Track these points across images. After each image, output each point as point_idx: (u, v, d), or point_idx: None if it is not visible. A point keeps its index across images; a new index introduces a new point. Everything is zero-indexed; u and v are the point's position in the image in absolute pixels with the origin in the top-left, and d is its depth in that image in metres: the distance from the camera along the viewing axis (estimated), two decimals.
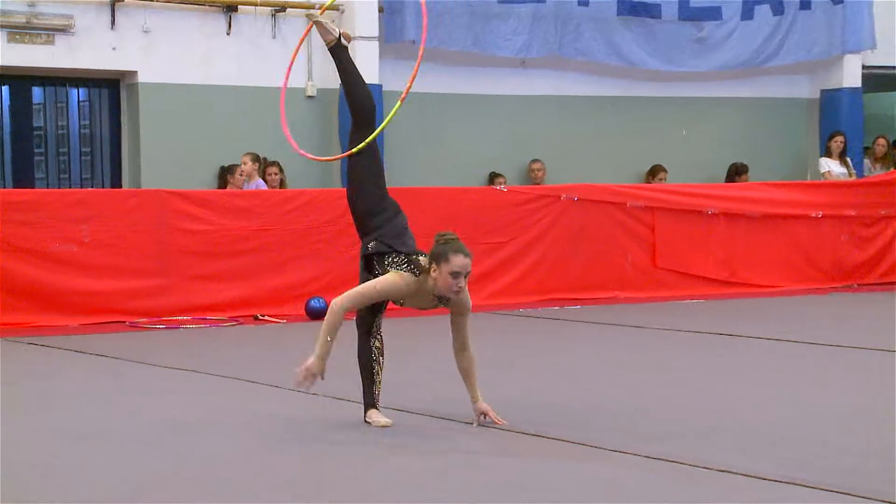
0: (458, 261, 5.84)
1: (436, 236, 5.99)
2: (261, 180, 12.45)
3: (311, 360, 5.81)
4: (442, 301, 6.02)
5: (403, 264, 5.95)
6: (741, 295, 12.72)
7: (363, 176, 6.24)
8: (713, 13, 15.44)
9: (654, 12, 15.11)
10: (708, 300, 12.41)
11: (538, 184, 14.16)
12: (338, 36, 6.46)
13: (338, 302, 5.88)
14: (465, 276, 5.86)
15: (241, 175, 12.43)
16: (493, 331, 10.52)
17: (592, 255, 12.53)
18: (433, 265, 5.87)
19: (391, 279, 5.91)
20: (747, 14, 15.58)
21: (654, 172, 15.10)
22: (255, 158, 12.44)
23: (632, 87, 15.36)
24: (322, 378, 5.84)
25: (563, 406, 6.62)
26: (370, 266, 6.10)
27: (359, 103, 6.36)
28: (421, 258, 5.96)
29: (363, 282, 6.10)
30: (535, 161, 14.57)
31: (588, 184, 12.86)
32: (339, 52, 6.47)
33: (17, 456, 5.51)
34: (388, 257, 6.00)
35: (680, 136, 15.67)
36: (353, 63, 6.44)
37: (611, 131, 15.22)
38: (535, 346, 9.51)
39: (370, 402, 6.12)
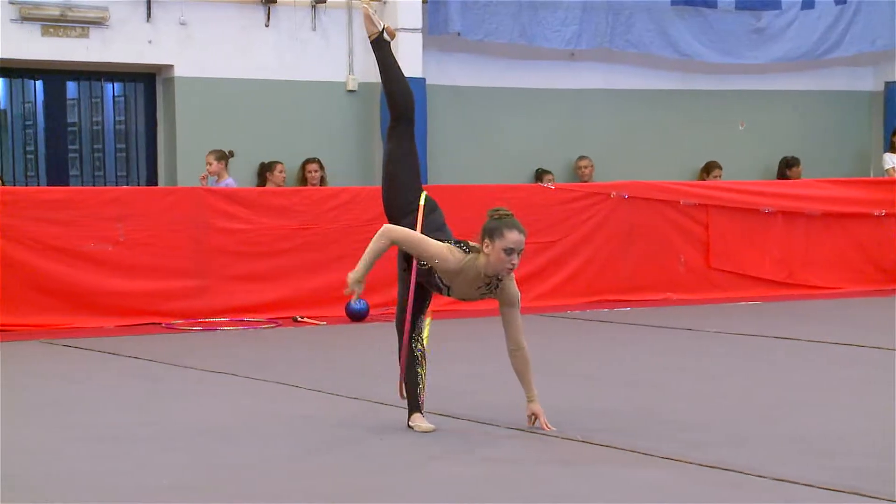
0: (513, 236, 5.82)
1: (489, 212, 5.97)
2: (230, 179, 12.18)
3: (351, 273, 5.87)
4: (490, 289, 6.01)
5: (451, 244, 5.97)
6: (799, 297, 12.66)
7: (398, 171, 6.27)
8: (772, 3, 15.38)
9: (710, 2, 15.08)
10: (764, 302, 12.36)
11: (585, 181, 14.16)
12: (381, 29, 6.50)
13: (389, 228, 5.92)
14: (518, 254, 5.85)
15: (206, 176, 12.07)
16: (541, 333, 10.53)
17: (643, 255, 12.52)
18: (486, 241, 5.85)
19: (443, 246, 5.90)
20: (808, 3, 15.52)
21: (709, 169, 15.06)
22: (221, 156, 12.16)
23: (686, 79, 15.33)
24: (359, 289, 5.89)
25: (612, 411, 6.64)
26: (410, 264, 6.12)
27: (398, 98, 6.39)
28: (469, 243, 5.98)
29: (401, 280, 6.15)
30: (582, 158, 14.57)
31: (639, 181, 12.84)
32: (381, 45, 6.51)
33: (47, 458, 5.60)
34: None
35: (736, 132, 15.63)
36: (393, 58, 6.49)
37: (663, 126, 15.20)
38: (583, 349, 9.53)
39: (414, 406, 6.17)
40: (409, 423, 6.14)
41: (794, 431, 6.07)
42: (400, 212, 6.22)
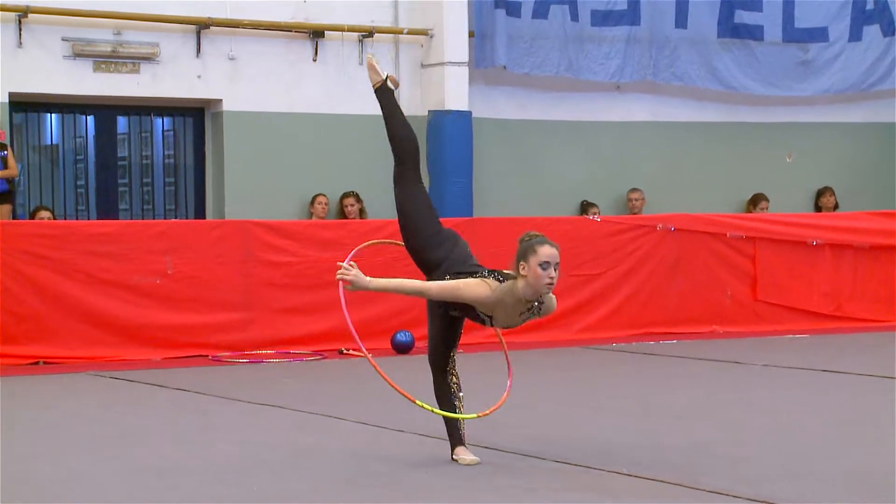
0: (546, 250, 5.80)
1: (519, 239, 5.96)
2: None
3: (359, 277, 5.93)
4: (532, 313, 5.96)
5: (485, 274, 5.93)
6: (847, 330, 12.52)
7: (412, 210, 6.25)
8: (819, 34, 15.29)
9: (756, 34, 15.02)
10: (812, 335, 12.24)
11: (636, 213, 14.10)
12: (384, 78, 6.55)
13: (426, 288, 5.91)
14: (556, 268, 5.81)
15: None
16: (586, 367, 10.49)
17: (690, 287, 12.44)
18: (521, 264, 5.82)
19: (475, 282, 5.85)
20: (855, 35, 15.41)
21: (756, 201, 14.96)
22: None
23: (733, 112, 15.26)
24: (351, 288, 5.96)
25: (658, 445, 6.57)
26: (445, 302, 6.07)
27: (404, 143, 6.43)
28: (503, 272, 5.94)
29: (432, 315, 6.12)
30: (634, 190, 14.51)
31: (685, 213, 12.78)
32: (384, 93, 6.58)
33: (91, 491, 5.60)
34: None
35: (783, 164, 15.52)
36: (396, 104, 6.56)
37: (710, 158, 15.12)
38: (628, 382, 9.45)
39: (457, 439, 6.14)
40: (454, 456, 6.10)
41: (846, 466, 5.97)
42: (423, 245, 6.16)
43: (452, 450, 6.12)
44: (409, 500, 5.43)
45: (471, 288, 5.85)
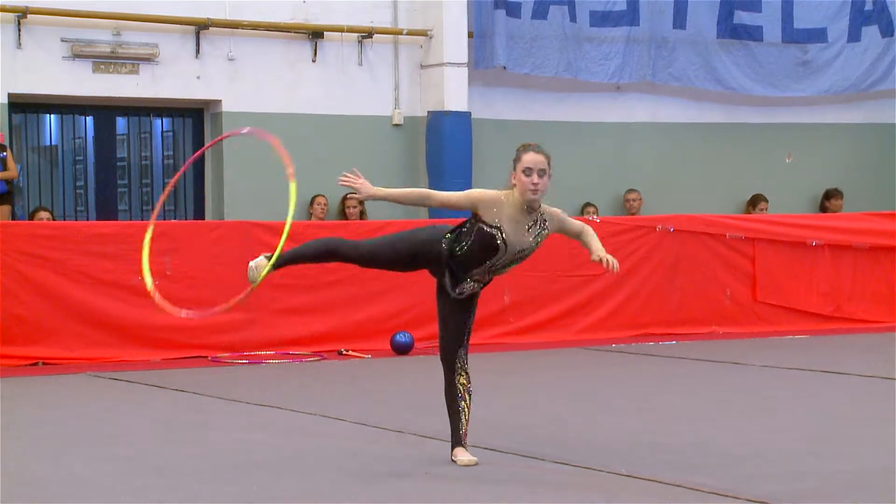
0: (529, 157, 6.00)
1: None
2: None
3: (365, 185, 6.24)
4: (540, 228, 6.04)
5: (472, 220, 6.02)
6: (847, 331, 12.53)
7: (414, 239, 6.25)
8: (818, 35, 15.31)
9: (755, 35, 15.04)
10: (811, 336, 12.25)
11: (634, 214, 14.12)
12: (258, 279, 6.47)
13: (426, 190, 6.24)
14: (540, 174, 5.94)
15: None
16: (586, 367, 10.51)
17: (689, 288, 12.46)
18: (511, 173, 6.02)
19: (476, 190, 6.06)
20: (854, 35, 15.43)
21: (755, 202, 14.98)
22: None
23: (732, 112, 15.28)
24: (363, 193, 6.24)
25: (658, 445, 6.59)
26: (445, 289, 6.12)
27: (335, 254, 6.57)
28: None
29: (441, 307, 6.14)
30: (631, 191, 14.53)
31: (684, 214, 12.80)
32: (278, 266, 6.78)
33: (93, 490, 5.62)
34: (457, 235, 6.05)
35: (782, 165, 15.54)
36: (294, 254, 6.77)
37: (709, 159, 15.14)
38: (628, 383, 9.46)
39: (456, 440, 6.16)
40: (452, 456, 6.12)
41: (846, 466, 5.99)
42: (416, 257, 6.18)
43: (452, 450, 6.14)
44: (407, 501, 5.45)
45: (473, 192, 6.03)
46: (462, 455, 6.09)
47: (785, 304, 12.76)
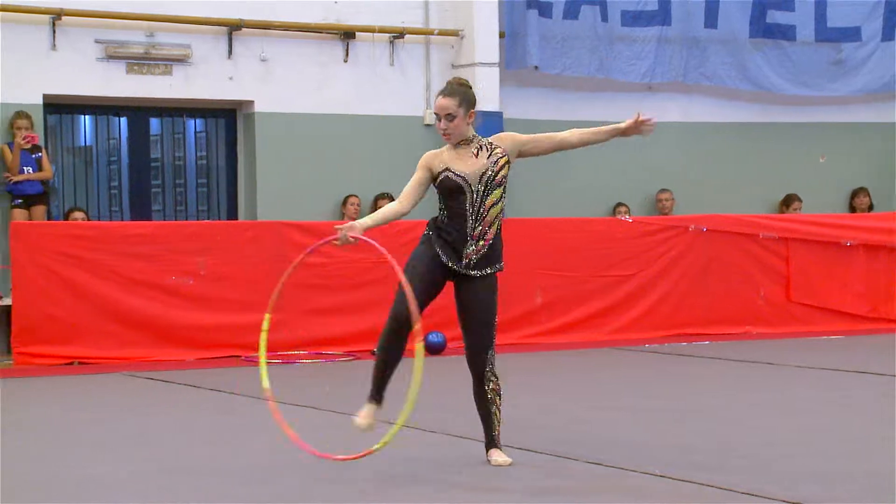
0: (436, 103, 6.26)
1: None
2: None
3: (351, 227, 6.19)
4: (489, 152, 6.20)
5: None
6: (882, 331, 12.46)
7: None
8: (852, 34, 15.22)
9: (788, 34, 14.97)
10: (846, 336, 12.19)
11: (666, 214, 14.08)
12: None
13: (394, 203, 6.23)
14: (448, 118, 6.13)
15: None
16: (619, 367, 10.49)
17: (722, 288, 12.42)
18: None
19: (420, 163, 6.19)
20: (888, 34, 15.33)
21: (789, 202, 14.91)
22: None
23: (765, 112, 15.21)
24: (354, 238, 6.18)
25: (692, 446, 6.57)
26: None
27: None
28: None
29: (458, 300, 6.23)
30: (663, 191, 14.49)
31: (717, 214, 12.76)
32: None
33: (124, 490, 5.65)
34: (433, 219, 6.23)
35: (816, 164, 15.46)
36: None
37: (742, 159, 15.08)
38: (661, 383, 9.44)
39: (490, 441, 6.16)
40: (488, 457, 6.12)
41: (877, 467, 5.95)
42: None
43: (487, 451, 6.15)
44: (439, 501, 5.45)
45: (422, 159, 6.17)
46: (497, 456, 6.09)
47: (819, 305, 12.70)
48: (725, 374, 9.85)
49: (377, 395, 6.25)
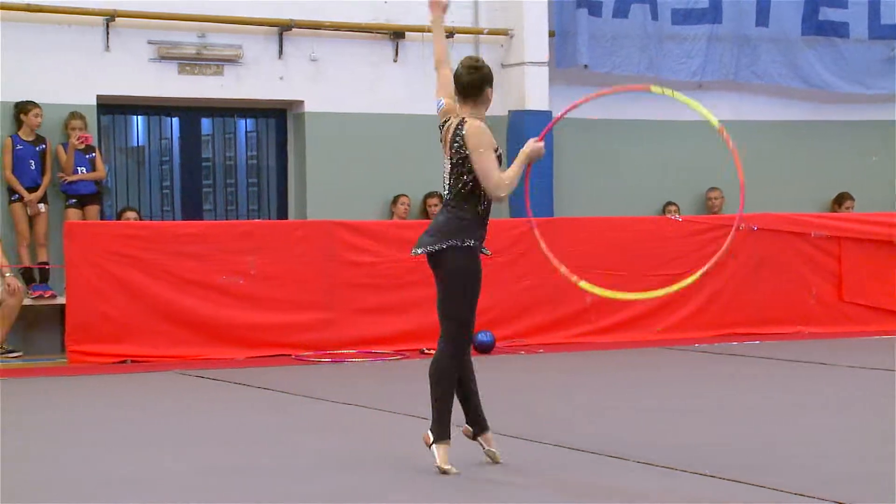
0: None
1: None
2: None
3: None
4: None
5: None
6: None
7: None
8: None
9: (841, 31, 14.83)
10: None
11: (716, 213, 14.00)
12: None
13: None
14: None
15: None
16: (669, 367, 10.43)
17: (773, 287, 12.32)
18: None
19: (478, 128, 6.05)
20: None
21: (841, 200, 14.77)
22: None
23: (817, 110, 15.08)
24: None
25: (741, 446, 6.52)
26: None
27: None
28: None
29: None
30: (713, 189, 14.40)
31: (768, 213, 12.66)
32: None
33: (175, 488, 5.69)
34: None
35: (868, 162, 15.30)
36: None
37: (793, 157, 14.96)
38: (711, 382, 9.39)
39: (483, 423, 6.08)
40: (485, 443, 6.06)
41: None
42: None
43: (483, 434, 6.06)
44: (483, 499, 5.45)
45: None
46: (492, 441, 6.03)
47: (872, 304, 12.57)
48: (776, 374, 9.77)
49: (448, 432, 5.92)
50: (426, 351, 10.99)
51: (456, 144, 6.01)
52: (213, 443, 6.91)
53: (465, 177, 6.01)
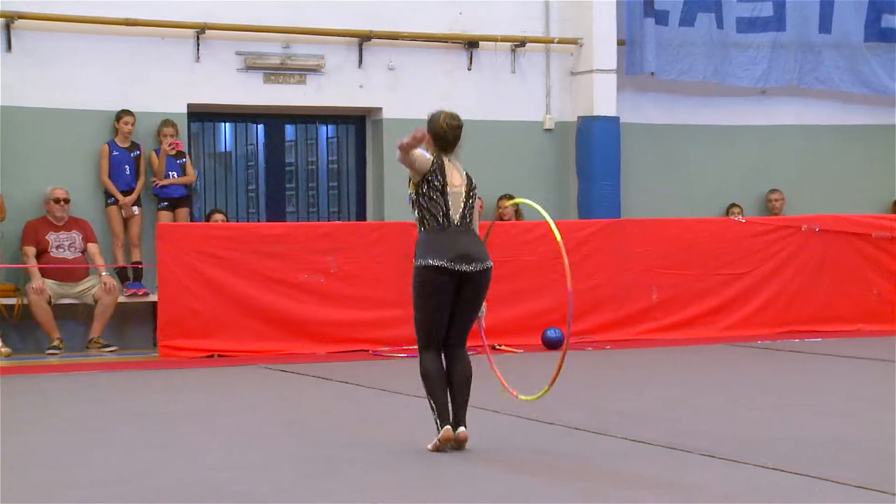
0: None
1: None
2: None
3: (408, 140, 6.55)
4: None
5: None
6: None
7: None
8: None
9: None
10: None
11: (776, 214, 13.85)
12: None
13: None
14: None
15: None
16: (732, 363, 10.34)
17: (835, 286, 12.17)
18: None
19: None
20: None
21: None
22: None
23: (878, 114, 14.85)
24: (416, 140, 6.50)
25: (803, 440, 6.45)
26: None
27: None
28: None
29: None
30: (773, 191, 14.25)
31: (830, 214, 12.51)
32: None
33: (260, 478, 5.74)
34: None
35: None
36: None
37: (855, 161, 14.75)
38: (773, 379, 9.29)
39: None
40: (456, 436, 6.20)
41: None
42: None
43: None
44: (558, 490, 5.44)
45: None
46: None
47: None
48: (839, 371, 9.65)
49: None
50: (497, 347, 10.99)
51: (475, 190, 6.89)
52: (298, 433, 6.95)
53: (474, 209, 6.79)
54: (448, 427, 6.17)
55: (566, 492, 5.41)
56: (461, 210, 6.56)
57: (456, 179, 6.69)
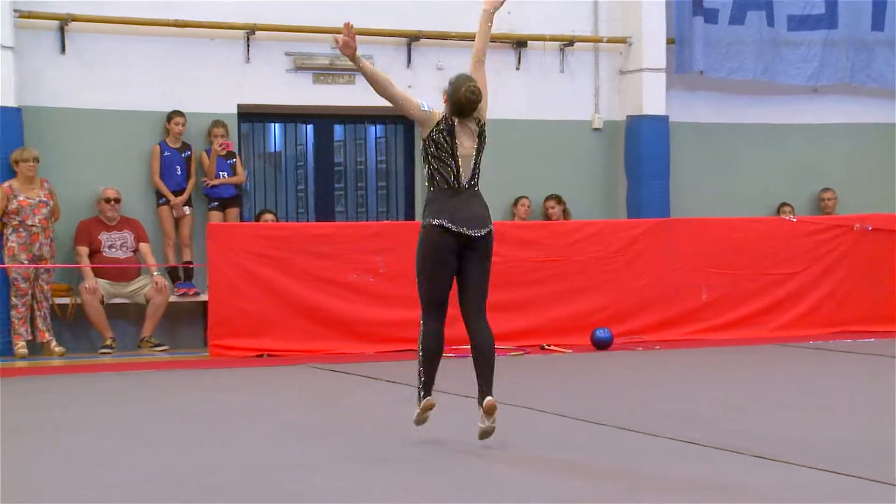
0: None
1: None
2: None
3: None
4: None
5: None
6: None
7: None
8: None
9: None
10: None
11: (828, 213, 13.67)
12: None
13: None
14: None
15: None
16: (784, 364, 10.21)
17: (888, 286, 11.98)
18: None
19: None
20: None
21: None
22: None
23: None
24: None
25: (857, 441, 6.33)
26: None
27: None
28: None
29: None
30: (826, 190, 14.07)
31: (882, 213, 12.33)
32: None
33: (309, 477, 5.71)
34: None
35: None
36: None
37: None
38: (826, 380, 9.16)
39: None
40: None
41: None
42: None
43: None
44: (608, 492, 5.37)
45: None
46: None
47: None
48: (890, 371, 9.48)
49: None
50: (546, 347, 10.92)
51: (484, 140, 6.80)
52: (346, 433, 6.93)
53: (480, 165, 6.77)
54: (430, 398, 6.34)
55: (615, 493, 5.33)
56: (471, 171, 6.65)
57: (467, 142, 6.70)
